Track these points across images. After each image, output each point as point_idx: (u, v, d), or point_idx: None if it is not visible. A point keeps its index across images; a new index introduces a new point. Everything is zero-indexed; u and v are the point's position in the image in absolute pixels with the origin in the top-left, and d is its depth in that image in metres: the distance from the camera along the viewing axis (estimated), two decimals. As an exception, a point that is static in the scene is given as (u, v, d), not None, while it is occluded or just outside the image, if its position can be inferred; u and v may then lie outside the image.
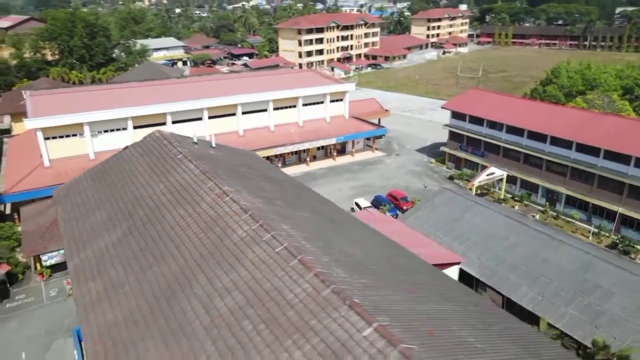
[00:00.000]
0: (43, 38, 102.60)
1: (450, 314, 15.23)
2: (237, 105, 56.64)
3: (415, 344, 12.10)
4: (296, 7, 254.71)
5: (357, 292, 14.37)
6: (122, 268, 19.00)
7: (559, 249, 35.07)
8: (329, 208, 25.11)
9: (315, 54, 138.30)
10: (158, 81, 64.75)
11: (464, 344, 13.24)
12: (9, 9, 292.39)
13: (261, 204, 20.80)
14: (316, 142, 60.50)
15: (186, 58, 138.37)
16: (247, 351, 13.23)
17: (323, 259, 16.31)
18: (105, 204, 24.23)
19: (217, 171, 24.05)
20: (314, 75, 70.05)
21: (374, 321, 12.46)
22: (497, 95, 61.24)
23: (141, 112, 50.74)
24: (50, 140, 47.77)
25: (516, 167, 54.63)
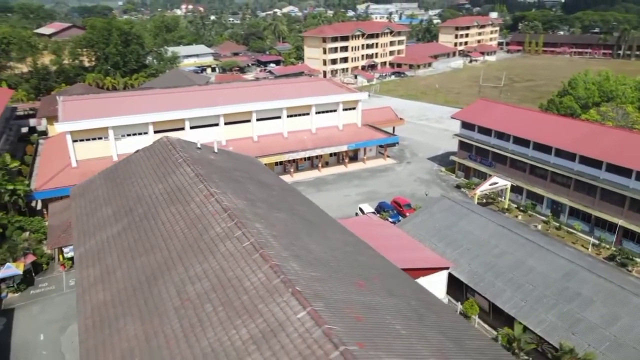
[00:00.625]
0: (81, 45, 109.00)
1: (389, 306, 17.20)
2: (252, 112, 59.58)
3: (339, 326, 14.23)
4: (326, 14, 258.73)
5: (304, 282, 16.55)
6: (117, 257, 21.78)
7: (545, 258, 36.11)
8: (311, 210, 27.32)
9: (340, 62, 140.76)
10: (180, 88, 68.50)
11: (388, 329, 15.24)
12: (55, 16, 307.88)
13: (242, 205, 23.22)
14: (328, 148, 62.78)
15: (215, 65, 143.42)
16: (204, 328, 15.64)
17: (283, 254, 18.56)
18: (112, 201, 27.22)
19: (210, 175, 26.64)
20: (329, 84, 72.43)
21: (308, 306, 14.66)
22: (505, 107, 62.06)
23: (161, 117, 54.31)
24: (78, 143, 51.82)
25: (522, 177, 55.37)
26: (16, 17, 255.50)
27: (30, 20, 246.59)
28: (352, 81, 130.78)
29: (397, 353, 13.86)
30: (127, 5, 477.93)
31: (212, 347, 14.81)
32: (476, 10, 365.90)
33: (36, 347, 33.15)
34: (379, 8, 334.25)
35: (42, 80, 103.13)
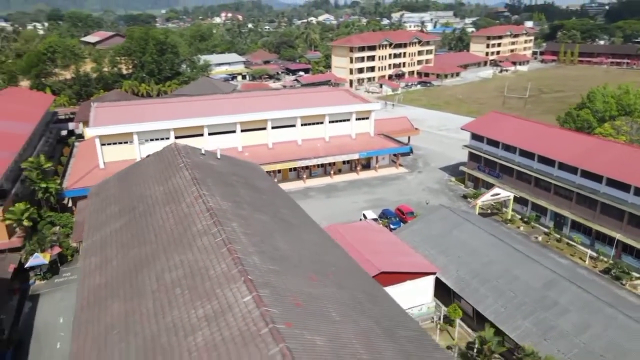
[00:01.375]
0: (120, 54, 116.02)
1: (333, 296, 19.65)
2: (267, 120, 62.90)
3: (277, 309, 16.89)
4: (359, 23, 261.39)
5: (259, 273, 19.29)
6: (115, 248, 25.15)
7: (530, 268, 37.42)
8: (294, 214, 29.98)
9: (367, 71, 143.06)
10: (203, 97, 72.77)
11: (322, 314, 17.73)
12: (102, 24, 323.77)
13: (227, 206, 26.19)
14: (339, 156, 65.31)
15: (245, 72, 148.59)
16: (171, 308, 18.61)
17: (249, 249, 21.37)
18: (120, 200, 30.79)
19: (205, 179, 29.79)
20: (345, 94, 74.98)
21: (254, 292, 17.40)
22: (515, 119, 62.86)
23: (181, 124, 58.35)
24: (106, 146, 56.46)
25: (527, 189, 56.19)
26: (66, 26, 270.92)
27: (78, 28, 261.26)
28: (377, 90, 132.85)
29: (321, 333, 16.35)
30: (169, 13, 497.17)
31: (174, 323, 17.74)
32: (514, 18, 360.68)
33: (55, 328, 37.18)
34: (413, 17, 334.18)
35: (83, 87, 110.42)
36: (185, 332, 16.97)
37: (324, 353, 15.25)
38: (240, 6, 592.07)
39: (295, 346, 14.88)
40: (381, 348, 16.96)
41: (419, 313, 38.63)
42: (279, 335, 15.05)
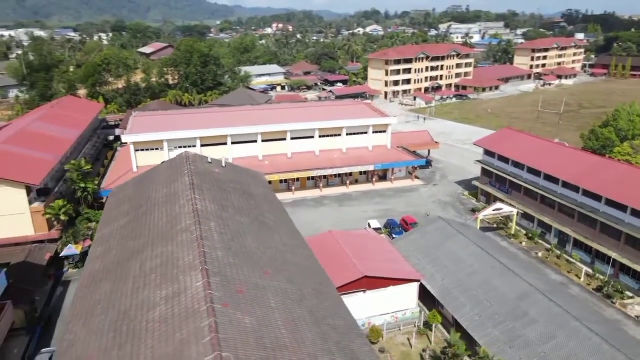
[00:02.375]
0: (167, 65, 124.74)
1: (278, 288, 23.14)
2: (287, 131, 67.17)
3: (220, 293, 20.65)
4: (404, 34, 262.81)
5: (217, 264, 23.13)
6: (117, 241, 29.83)
7: (509, 280, 39.19)
8: (276, 219, 33.63)
9: (402, 84, 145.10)
10: (232, 107, 78.31)
11: (261, 301, 21.30)
12: (160, 35, 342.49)
13: (213, 209, 30.31)
14: (355, 167, 68.50)
15: (285, 83, 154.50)
16: (144, 289, 22.77)
17: (217, 245, 25.29)
18: (130, 200, 35.71)
19: (202, 184, 34.13)
20: (366, 108, 78.05)
21: (206, 279, 21.26)
22: (526, 137, 63.66)
23: (207, 133, 63.68)
24: (140, 152, 62.61)
25: (534, 206, 57.11)
26: (127, 36, 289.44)
27: (137, 39, 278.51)
28: (410, 103, 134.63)
29: (252, 315, 19.94)
30: (223, 24, 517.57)
31: (143, 301, 21.89)
32: (570, 29, 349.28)
33: (80, 310, 42.65)
34: (461, 28, 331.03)
35: (133, 95, 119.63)
36: (148, 308, 21.07)
37: (248, 330, 18.83)
38: (292, 17, 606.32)
39: (223, 321, 18.58)
40: (304, 332, 20.31)
41: (403, 317, 41.23)
42: (213, 312, 18.82)
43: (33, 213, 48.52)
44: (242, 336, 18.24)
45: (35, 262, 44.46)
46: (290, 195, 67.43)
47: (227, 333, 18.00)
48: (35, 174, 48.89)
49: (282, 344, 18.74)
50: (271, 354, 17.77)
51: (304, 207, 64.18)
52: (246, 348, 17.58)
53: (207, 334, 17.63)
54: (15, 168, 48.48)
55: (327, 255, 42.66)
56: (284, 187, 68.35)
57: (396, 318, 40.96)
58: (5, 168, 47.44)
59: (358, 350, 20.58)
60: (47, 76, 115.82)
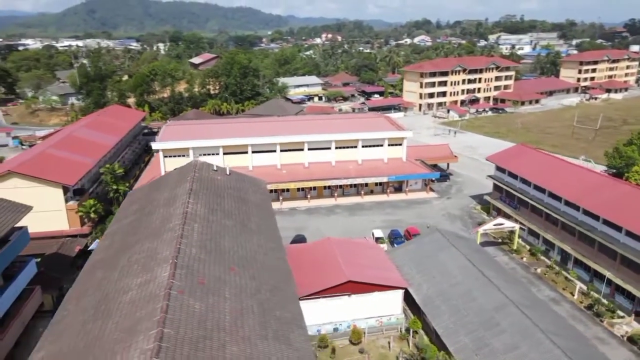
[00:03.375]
0: (208, 76, 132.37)
1: (237, 283, 26.65)
2: (304, 142, 70.94)
3: (181, 282, 24.45)
4: (449, 45, 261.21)
5: (187, 259, 27.01)
6: (120, 236, 34.49)
7: (489, 292, 40.75)
8: (261, 223, 37.21)
9: (438, 96, 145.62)
10: (257, 118, 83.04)
11: (217, 292, 24.89)
12: (213, 45, 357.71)
13: (202, 211, 34.36)
14: (369, 178, 71.18)
15: (322, 94, 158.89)
16: (126, 277, 26.97)
17: (193, 243, 29.21)
18: (140, 201, 40.52)
19: (200, 190, 38.37)
20: (383, 121, 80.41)
21: (172, 270, 25.16)
22: (538, 153, 63.92)
23: (228, 142, 68.57)
24: (168, 158, 68.34)
25: (539, 222, 57.60)
26: (182, 47, 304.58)
27: (190, 49, 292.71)
28: (443, 115, 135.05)
29: (204, 302, 23.57)
30: (274, 34, 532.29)
31: (122, 287, 26.05)
32: (632, 38, 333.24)
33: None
34: (510, 38, 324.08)
35: (176, 104, 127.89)
36: (124, 292, 25.21)
37: (195, 313, 22.47)
38: (342, 27, 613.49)
39: (175, 305, 22.34)
40: (247, 319, 23.69)
41: (387, 322, 43.57)
42: (168, 297, 22.64)
43: (68, 210, 54.82)
44: (188, 318, 21.90)
45: (66, 254, 50.48)
46: (306, 203, 71.01)
47: (175, 314, 21.71)
48: (71, 176, 55.26)
49: (221, 326, 22.23)
50: (208, 334, 21.30)
51: (316, 215, 67.53)
52: (187, 327, 21.20)
53: (157, 314, 21.42)
54: (55, 170, 55.04)
55: (319, 260, 46.05)
56: (301, 195, 72.01)
57: (381, 322, 43.33)
58: (46, 169, 54.04)
59: (294, 340, 23.70)
60: (101, 85, 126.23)
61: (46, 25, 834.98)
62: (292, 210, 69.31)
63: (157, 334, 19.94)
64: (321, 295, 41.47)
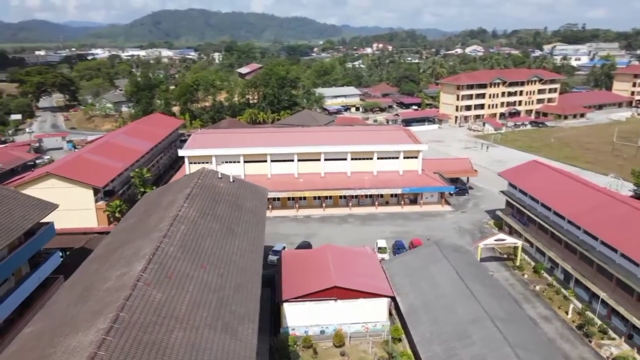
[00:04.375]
0: (248, 86, 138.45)
1: (204, 279, 29.89)
2: (321, 153, 73.86)
3: (150, 276, 28.05)
4: (498, 56, 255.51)
5: (163, 256, 30.64)
6: (122, 234, 38.83)
7: (469, 305, 41.75)
8: (248, 229, 40.41)
9: (475, 108, 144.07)
10: (283, 128, 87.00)
11: (180, 285, 28.26)
12: (265, 54, 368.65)
13: (193, 215, 38.10)
14: (383, 189, 72.96)
15: (358, 105, 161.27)
16: (111, 269, 30.98)
17: (174, 243, 32.86)
18: (148, 203, 44.98)
19: (197, 195, 42.29)
20: (402, 134, 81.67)
21: (144, 266, 28.83)
22: (551, 170, 63.18)
23: (248, 151, 72.71)
24: (193, 164, 73.39)
25: (545, 240, 57.24)
26: (234, 56, 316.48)
27: (241, 59, 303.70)
28: (478, 128, 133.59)
29: (165, 293, 26.97)
30: (325, 44, 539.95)
31: (105, 277, 30.03)
32: None
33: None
34: (567, 49, 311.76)
35: (217, 113, 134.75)
36: (104, 282, 29.15)
37: (154, 302, 25.90)
38: (394, 36, 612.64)
39: (137, 294, 25.89)
40: (201, 311, 26.84)
41: (373, 329, 45.40)
42: (133, 287, 26.26)
43: (97, 209, 60.65)
44: (146, 305, 25.36)
45: (91, 248, 55.93)
46: (321, 211, 73.78)
47: (134, 302, 25.25)
48: (100, 178, 61.17)
49: (175, 315, 25.51)
50: (160, 320, 24.62)
51: (329, 223, 70.10)
52: (142, 313, 24.64)
53: (120, 301, 25.04)
54: (87, 172, 61.16)
55: (313, 265, 48.66)
56: (317, 203, 74.85)
57: (367, 328, 45.23)
58: (79, 172, 60.22)
59: (241, 332, 26.58)
60: (150, 94, 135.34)
61: (116, 36, 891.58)
62: (307, 217, 72.26)
63: (114, 317, 23.49)
64: (308, 299, 44.02)
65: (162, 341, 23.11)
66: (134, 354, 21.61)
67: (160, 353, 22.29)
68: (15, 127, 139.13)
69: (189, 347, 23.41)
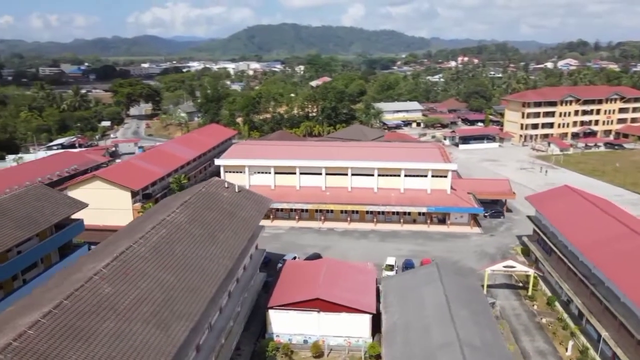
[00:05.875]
0: (307, 100, 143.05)
1: (159, 279, 33.03)
2: (348, 168, 75.23)
3: (108, 272, 31.82)
4: (587, 71, 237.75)
5: (132, 255, 34.38)
6: (121, 234, 43.49)
7: (446, 330, 40.98)
8: (231, 236, 43.19)
9: (543, 127, 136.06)
10: (318, 142, 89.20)
11: (133, 282, 31.67)
12: (346, 67, 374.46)
13: (181, 220, 41.81)
14: (408, 207, 72.51)
15: (420, 120, 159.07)
16: (91, 262, 35.34)
17: (147, 245, 36.55)
18: (156, 207, 49.61)
19: (195, 202, 46.16)
20: (435, 151, 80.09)
21: (108, 262, 32.73)
22: (579, 196, 58.90)
23: (278, 163, 76.07)
24: (229, 173, 78.31)
25: (563, 271, 53.83)
26: (313, 69, 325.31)
27: (319, 72, 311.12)
28: (542, 148, 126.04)
29: (115, 287, 30.49)
30: (408, 57, 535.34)
31: (81, 271, 34.28)
32: None
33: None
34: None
35: (276, 124, 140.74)
36: (77, 273, 33.41)
37: (101, 295, 29.45)
38: (483, 49, 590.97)
39: (89, 287, 29.66)
40: (143, 306, 29.94)
41: (355, 344, 46.04)
42: (88, 280, 30.10)
43: (133, 210, 67.23)
44: (92, 297, 28.99)
45: (122, 244, 62.39)
46: (345, 225, 75.01)
47: (83, 293, 28.99)
48: (138, 182, 67.80)
49: (115, 308, 28.86)
50: (97, 310, 28.04)
51: (348, 237, 71.11)
52: (86, 303, 28.25)
53: (70, 291, 28.92)
54: (128, 176, 68.12)
55: (306, 277, 50.38)
56: (344, 217, 76.17)
57: (349, 343, 45.97)
58: (121, 176, 67.31)
59: (173, 329, 29.23)
60: (217, 105, 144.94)
61: (214, 50, 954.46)
62: (330, 230, 73.85)
63: (57, 303, 27.33)
64: (292, 308, 45.84)
65: (90, 328, 26.45)
66: (59, 335, 25.13)
67: (84, 338, 25.60)
68: (103, 132, 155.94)
69: (114, 336, 26.51)
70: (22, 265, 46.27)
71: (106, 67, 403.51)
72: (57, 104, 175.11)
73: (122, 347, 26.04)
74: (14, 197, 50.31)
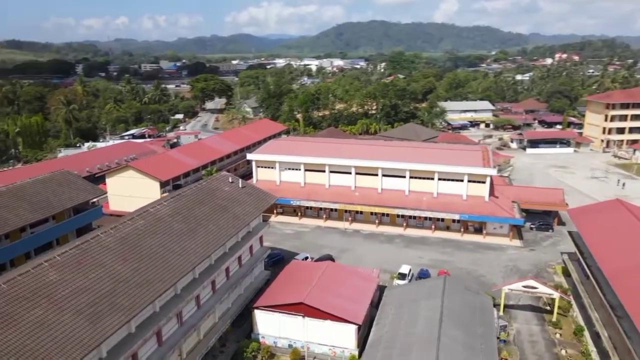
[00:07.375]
0: (366, 97, 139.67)
1: (116, 271, 33.07)
2: (378, 168, 71.68)
3: (62, 260, 32.51)
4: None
5: (94, 245, 34.94)
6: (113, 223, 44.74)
7: (428, 350, 37.15)
8: (215, 233, 42.45)
9: (630, 132, 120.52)
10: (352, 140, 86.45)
11: (85, 272, 32.03)
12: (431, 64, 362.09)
13: (165, 212, 42.03)
14: (439, 213, 67.48)
15: (489, 121, 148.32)
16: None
17: (118, 235, 36.99)
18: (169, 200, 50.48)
19: (190, 194, 46.36)
20: (477, 154, 73.08)
21: (66, 250, 33.50)
22: (627, 213, 50.52)
23: (307, 160, 74.45)
24: (260, 168, 78.34)
25: (597, 298, 46.70)
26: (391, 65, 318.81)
27: (396, 69, 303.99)
28: (626, 155, 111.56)
29: (62, 275, 31.00)
30: (498, 54, 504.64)
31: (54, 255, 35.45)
32: None
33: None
34: None
35: (334, 121, 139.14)
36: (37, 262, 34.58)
37: (45, 280, 30.02)
38: (586, 45, 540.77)
39: (36, 272, 30.40)
40: (84, 296, 30.10)
41: (340, 354, 43.45)
42: (37, 267, 30.90)
43: (162, 199, 69.45)
44: (33, 282, 29.61)
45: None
46: (373, 227, 71.75)
47: (26, 278, 29.76)
48: (167, 173, 69.95)
49: (52, 295, 29.20)
50: (33, 297, 28.52)
51: (372, 241, 67.81)
52: (24, 288, 28.88)
53: (15, 275, 29.82)
54: (159, 167, 70.58)
55: (303, 279, 48.46)
56: (373, 219, 72.93)
57: (334, 352, 43.48)
58: (152, 166, 69.89)
59: (105, 320, 28.74)
60: (278, 101, 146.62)
61: (303, 47, 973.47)
62: (355, 232, 71.04)
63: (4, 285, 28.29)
64: (277, 310, 44.33)
65: (17, 314, 26.99)
66: (-17, 318, 25.88)
67: (8, 323, 26.14)
68: (174, 125, 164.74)
69: (37, 324, 26.80)
70: (34, 244, 49.52)
71: (197, 64, 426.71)
72: (139, 97, 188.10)
73: (40, 337, 26.20)
74: (38, 181, 54.03)
